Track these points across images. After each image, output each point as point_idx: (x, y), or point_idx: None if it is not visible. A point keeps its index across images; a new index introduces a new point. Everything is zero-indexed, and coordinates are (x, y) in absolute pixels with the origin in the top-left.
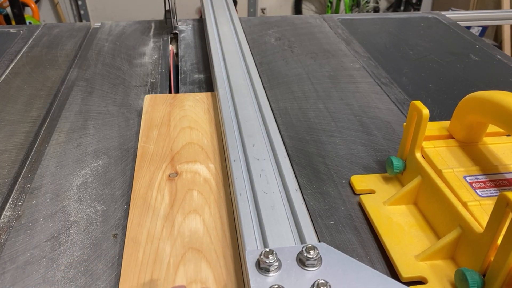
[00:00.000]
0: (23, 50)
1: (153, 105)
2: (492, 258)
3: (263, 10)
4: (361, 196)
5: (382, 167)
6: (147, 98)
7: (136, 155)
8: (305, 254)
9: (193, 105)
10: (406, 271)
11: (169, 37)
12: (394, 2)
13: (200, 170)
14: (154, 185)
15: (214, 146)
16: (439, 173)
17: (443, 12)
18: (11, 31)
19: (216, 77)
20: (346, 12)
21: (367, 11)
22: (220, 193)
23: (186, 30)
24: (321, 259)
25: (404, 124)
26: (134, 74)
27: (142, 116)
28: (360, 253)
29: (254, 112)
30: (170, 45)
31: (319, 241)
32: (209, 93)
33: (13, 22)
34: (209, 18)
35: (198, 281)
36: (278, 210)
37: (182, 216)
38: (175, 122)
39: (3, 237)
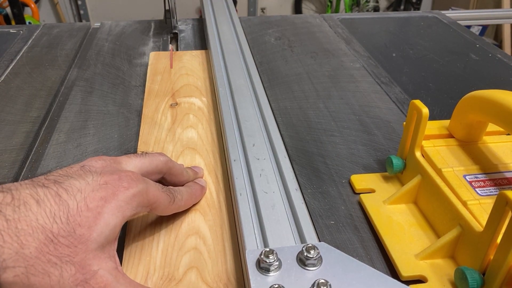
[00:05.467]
0: (23, 50)
1: (157, 59)
2: (491, 257)
3: (263, 9)
4: (361, 195)
5: (382, 166)
6: (152, 54)
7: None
8: (305, 254)
9: (190, 59)
10: (406, 270)
11: (169, 36)
12: (394, 2)
13: (195, 101)
14: (159, 110)
15: (206, 86)
16: (439, 172)
17: (443, 11)
18: (11, 31)
19: (216, 77)
20: (346, 12)
21: (367, 11)
22: (210, 116)
23: (186, 29)
24: (321, 258)
25: (404, 123)
26: (134, 74)
27: (148, 67)
28: (360, 252)
29: (254, 112)
30: (170, 45)
31: (319, 241)
32: (203, 51)
33: (13, 22)
34: (209, 18)
35: (193, 165)
36: (278, 210)
37: (181, 129)
38: (175, 70)
39: None
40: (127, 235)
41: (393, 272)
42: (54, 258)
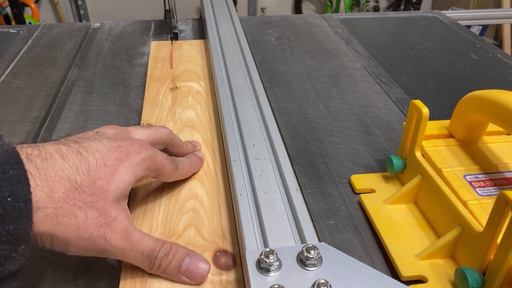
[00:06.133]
0: (23, 50)
1: (158, 47)
2: (492, 257)
3: (263, 9)
4: (361, 195)
5: (382, 166)
6: (153, 43)
7: None
8: (305, 254)
9: (189, 48)
10: (406, 270)
11: (169, 36)
12: (394, 2)
13: (194, 85)
14: (160, 93)
15: (204, 72)
16: (439, 172)
17: (443, 11)
18: (11, 31)
19: (216, 77)
20: (346, 12)
21: (367, 11)
22: (208, 99)
23: (186, 29)
24: (321, 258)
25: (404, 123)
26: (134, 74)
27: (150, 55)
28: (360, 252)
29: (254, 112)
30: (170, 45)
31: (320, 241)
32: (202, 40)
33: (13, 22)
34: (209, 18)
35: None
36: (278, 210)
37: (181, 109)
38: (175, 58)
39: None
40: (131, 200)
41: (393, 272)
42: (79, 203)
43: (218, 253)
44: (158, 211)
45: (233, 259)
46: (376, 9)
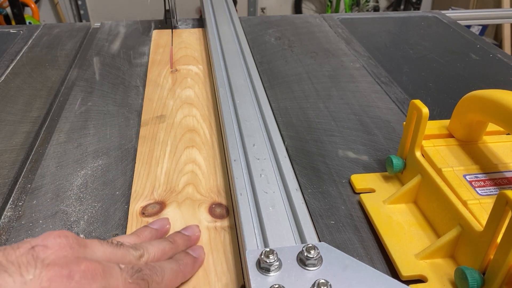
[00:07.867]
0: (23, 50)
1: (159, 35)
2: (491, 257)
3: (263, 9)
4: (361, 195)
5: (382, 166)
6: (155, 32)
7: (135, 155)
8: (305, 254)
9: (188, 35)
10: (406, 270)
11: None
12: (394, 1)
13: (193, 68)
14: (161, 75)
15: (202, 57)
16: (439, 172)
17: (443, 11)
18: (11, 31)
19: (216, 77)
20: (346, 12)
21: (367, 10)
22: (205, 80)
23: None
24: (321, 258)
25: (404, 123)
26: (134, 74)
27: (151, 42)
28: (360, 252)
29: (254, 112)
30: (171, 41)
31: (320, 241)
32: (200, 29)
33: (13, 22)
34: (209, 18)
35: (191, 115)
36: (278, 210)
37: (181, 89)
38: (175, 44)
39: (4, 237)
40: (136, 163)
41: (393, 272)
42: None
43: (214, 205)
44: (160, 172)
45: (227, 210)
46: (376, 9)
